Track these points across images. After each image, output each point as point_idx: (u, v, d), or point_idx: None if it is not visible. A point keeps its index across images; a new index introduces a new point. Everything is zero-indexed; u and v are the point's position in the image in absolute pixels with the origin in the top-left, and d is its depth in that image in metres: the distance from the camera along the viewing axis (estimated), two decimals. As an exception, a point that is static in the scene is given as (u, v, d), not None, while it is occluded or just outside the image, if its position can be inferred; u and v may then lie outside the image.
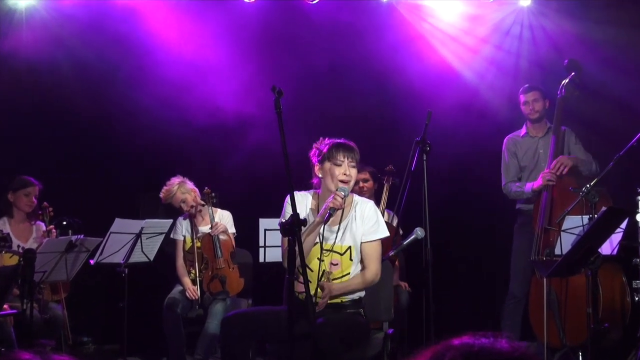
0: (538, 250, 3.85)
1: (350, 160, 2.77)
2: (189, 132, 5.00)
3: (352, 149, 2.78)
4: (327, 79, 5.04)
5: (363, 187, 4.42)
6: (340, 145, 2.77)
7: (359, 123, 5.06)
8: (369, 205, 2.85)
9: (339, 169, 2.74)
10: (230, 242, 4.22)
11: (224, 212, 4.35)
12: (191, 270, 4.23)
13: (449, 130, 4.89)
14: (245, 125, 4.93)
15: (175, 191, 4.18)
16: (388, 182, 4.44)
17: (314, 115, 5.01)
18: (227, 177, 5.07)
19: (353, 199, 2.87)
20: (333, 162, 2.75)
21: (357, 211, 2.83)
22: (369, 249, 2.83)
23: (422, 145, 3.17)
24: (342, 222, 2.80)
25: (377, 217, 2.83)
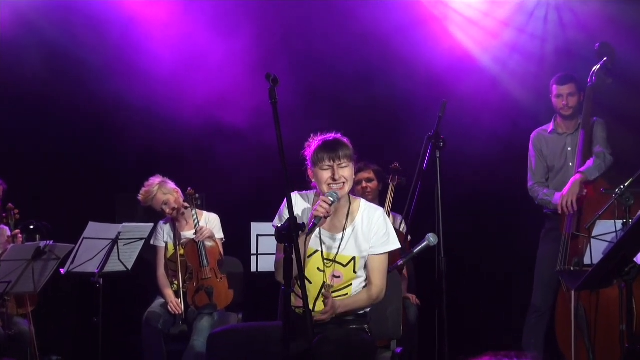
0: (565, 259, 3.85)
1: (338, 161, 2.75)
2: (172, 127, 5.07)
3: (337, 149, 2.74)
4: (329, 67, 5.06)
5: (366, 187, 4.42)
6: (325, 147, 2.75)
7: (363, 115, 5.06)
8: (378, 213, 2.84)
9: (325, 174, 2.74)
10: (217, 249, 4.22)
11: (211, 215, 4.35)
12: (174, 281, 4.24)
13: (465, 123, 4.88)
14: (238, 119, 4.95)
15: (156, 192, 4.18)
16: (393, 181, 4.44)
17: (316, 106, 5.02)
18: (215, 176, 5.10)
19: (360, 204, 2.86)
20: (319, 167, 2.75)
21: (364, 218, 2.82)
22: (377, 263, 2.82)
23: (434, 141, 3.16)
24: (346, 229, 2.80)
25: (387, 227, 2.82)
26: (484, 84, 5.02)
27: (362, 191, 4.41)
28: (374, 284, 2.80)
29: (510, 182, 4.64)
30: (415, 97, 4.97)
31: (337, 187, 2.73)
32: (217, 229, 4.31)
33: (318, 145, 2.76)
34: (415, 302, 4.34)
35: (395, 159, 4.51)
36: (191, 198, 4.19)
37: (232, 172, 5.09)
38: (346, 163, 2.75)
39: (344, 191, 2.76)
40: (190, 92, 4.97)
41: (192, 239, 4.18)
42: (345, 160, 2.75)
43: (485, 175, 5.02)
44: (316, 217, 2.57)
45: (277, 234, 2.33)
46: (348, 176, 2.76)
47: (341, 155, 2.74)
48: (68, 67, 4.79)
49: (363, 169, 4.43)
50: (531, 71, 4.91)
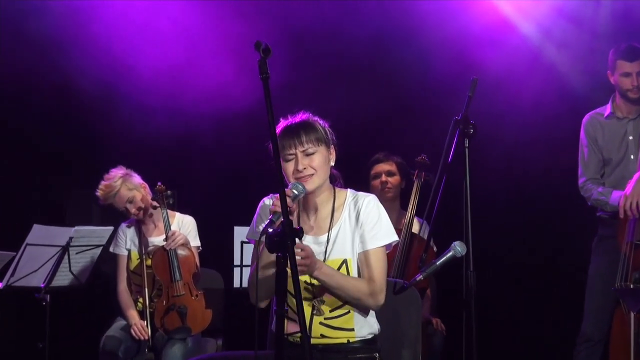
0: (626, 275, 3.80)
1: (302, 147, 2.74)
2: (140, 112, 5.12)
3: (299, 133, 2.75)
4: (338, 35, 5.07)
5: (387, 181, 4.46)
6: (285, 132, 2.76)
7: (378, 96, 5.07)
8: (367, 200, 2.86)
9: (289, 166, 2.76)
10: (192, 259, 4.24)
11: (185, 218, 4.39)
12: (138, 298, 4.25)
13: (501, 105, 4.90)
14: (221, 103, 5.07)
15: (119, 187, 4.19)
16: (419, 178, 4.44)
17: (321, 84, 5.04)
18: (190, 170, 5.14)
19: (347, 195, 2.89)
20: (283, 158, 2.77)
21: (351, 210, 2.86)
22: (368, 259, 2.83)
23: (463, 126, 3.13)
24: (332, 229, 2.84)
25: (379, 215, 2.85)
26: (524, 57, 5.03)
27: (381, 186, 4.42)
28: (371, 280, 2.81)
29: (556, 179, 4.66)
30: (440, 73, 4.98)
31: (304, 179, 2.75)
32: (193, 235, 4.34)
33: (280, 132, 2.77)
34: (440, 328, 4.34)
35: (416, 150, 4.52)
36: (161, 196, 4.22)
37: (212, 166, 5.14)
38: (314, 148, 2.75)
39: (312, 183, 2.76)
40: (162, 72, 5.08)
41: (161, 247, 4.20)
42: (312, 144, 2.75)
43: (525, 170, 5.02)
44: (274, 214, 2.54)
45: (268, 241, 2.32)
46: (318, 164, 2.76)
47: (305, 140, 2.74)
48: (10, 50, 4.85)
49: (383, 160, 4.46)
50: (583, 41, 4.91)
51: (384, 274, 2.84)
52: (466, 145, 3.09)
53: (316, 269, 2.69)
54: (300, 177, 2.73)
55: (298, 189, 2.66)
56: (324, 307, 2.80)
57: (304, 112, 2.84)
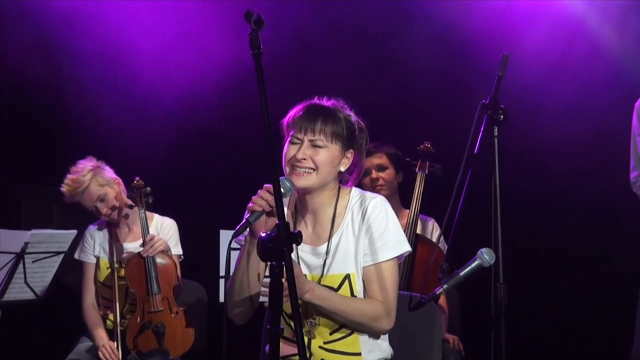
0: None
1: (311, 135, 2.76)
2: (110, 97, 5.16)
3: (316, 118, 2.77)
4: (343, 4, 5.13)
5: (377, 177, 4.47)
6: (304, 111, 2.79)
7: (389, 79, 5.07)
8: (373, 201, 2.87)
9: (290, 149, 2.78)
10: (173, 269, 4.25)
11: (165, 221, 4.42)
12: (108, 315, 4.26)
13: (536, 87, 4.90)
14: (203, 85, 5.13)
15: (88, 182, 4.20)
16: (423, 169, 4.46)
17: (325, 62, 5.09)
18: (170, 167, 5.15)
19: (351, 196, 2.90)
20: (288, 139, 2.80)
21: (354, 214, 2.86)
22: (378, 274, 2.82)
23: (491, 112, 3.15)
24: (332, 237, 2.84)
25: (387, 219, 2.85)
26: (564, 30, 5.02)
27: (372, 184, 4.44)
28: (378, 300, 2.80)
29: (604, 173, 4.66)
30: (467, 49, 4.99)
31: (298, 173, 2.76)
32: (174, 241, 4.36)
33: (298, 109, 2.82)
34: (458, 348, 4.36)
35: (433, 140, 4.51)
36: (139, 193, 4.22)
37: (194, 160, 5.19)
38: (324, 142, 2.76)
39: (306, 180, 2.77)
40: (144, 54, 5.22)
41: (137, 254, 4.21)
42: (324, 137, 2.76)
43: (566, 163, 5.02)
44: (251, 213, 2.58)
45: (260, 247, 2.32)
46: (322, 160, 2.77)
47: (319, 128, 2.75)
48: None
49: (371, 153, 4.45)
50: (636, 11, 4.91)
51: (394, 292, 2.83)
52: (495, 133, 3.09)
53: (306, 291, 2.67)
54: (297, 166, 2.74)
55: (285, 187, 2.65)
56: (322, 328, 2.81)
57: (343, 101, 2.86)
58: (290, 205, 2.91)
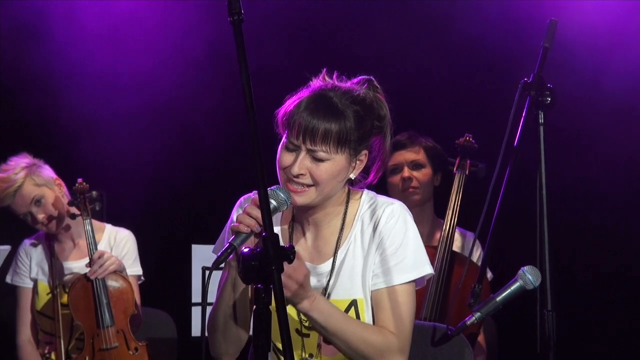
0: None
1: (312, 145, 2.73)
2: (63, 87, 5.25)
3: (317, 122, 2.72)
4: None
5: (411, 177, 4.46)
6: (305, 106, 2.76)
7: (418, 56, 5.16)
8: (389, 209, 2.88)
9: (285, 157, 2.77)
10: (130, 294, 4.27)
11: (120, 232, 4.48)
12: (49, 354, 4.26)
13: (592, 64, 4.92)
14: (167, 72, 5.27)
15: (22, 181, 4.23)
16: (462, 169, 4.46)
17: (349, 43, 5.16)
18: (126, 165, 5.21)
19: (361, 202, 2.92)
20: (286, 138, 2.79)
21: (364, 225, 2.88)
22: (390, 300, 2.83)
23: (535, 93, 3.18)
24: (337, 254, 2.86)
25: (406, 232, 2.86)
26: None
27: (403, 185, 4.44)
28: (389, 330, 2.81)
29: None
30: (503, 18, 5.03)
31: (294, 188, 2.76)
32: (131, 258, 4.40)
33: (299, 100, 2.78)
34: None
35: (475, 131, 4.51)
36: (82, 198, 4.24)
37: (158, 159, 5.25)
38: (327, 154, 2.74)
39: (304, 198, 2.77)
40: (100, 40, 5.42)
41: (83, 275, 4.21)
42: (327, 148, 2.73)
43: (629, 160, 5.05)
44: (236, 235, 2.58)
45: (242, 266, 2.32)
46: (323, 176, 2.76)
47: (320, 137, 2.71)
48: None
49: (406, 146, 4.46)
50: None
51: (410, 323, 2.82)
52: (541, 120, 3.13)
53: (307, 297, 2.67)
54: (292, 180, 2.74)
55: (278, 199, 2.65)
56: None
57: (365, 78, 2.84)
58: (286, 213, 2.90)
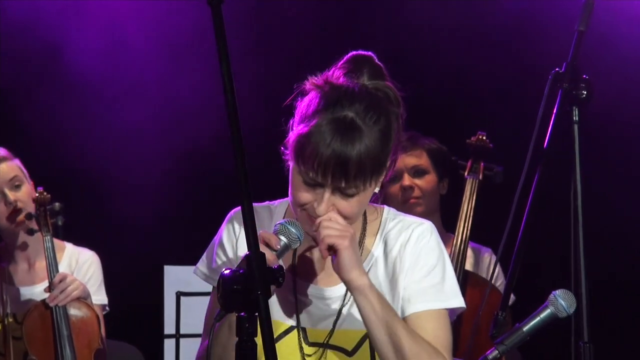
0: None
1: (341, 182, 2.72)
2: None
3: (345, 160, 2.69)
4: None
5: (412, 185, 4.50)
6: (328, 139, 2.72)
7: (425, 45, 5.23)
8: (418, 230, 2.93)
9: (303, 194, 2.77)
10: (94, 324, 4.31)
11: (83, 254, 4.56)
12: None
13: (638, 51, 4.94)
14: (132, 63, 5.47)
15: (5, 157, 4.43)
16: (475, 174, 4.49)
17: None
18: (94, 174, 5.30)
19: (381, 221, 2.97)
20: (299, 168, 2.77)
21: (389, 245, 2.93)
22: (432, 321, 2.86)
23: (569, 85, 3.19)
24: None
25: (439, 255, 2.90)
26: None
27: (403, 196, 4.48)
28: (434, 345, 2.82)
29: None
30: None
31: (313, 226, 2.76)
32: (96, 283, 4.48)
33: (314, 127, 2.74)
34: None
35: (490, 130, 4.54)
36: (43, 212, 4.29)
37: (128, 167, 5.38)
38: (358, 189, 2.74)
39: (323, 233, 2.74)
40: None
41: (40, 303, 4.29)
42: (359, 183, 2.73)
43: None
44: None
45: (222, 289, 2.32)
46: (353, 212, 2.78)
47: (353, 173, 2.70)
48: None
49: (407, 148, 4.47)
50: None
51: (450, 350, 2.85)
52: (575, 117, 3.14)
53: (363, 274, 2.71)
54: (312, 214, 2.75)
55: (289, 236, 2.66)
56: None
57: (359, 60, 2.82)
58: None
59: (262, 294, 2.26)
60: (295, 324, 2.84)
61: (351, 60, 2.85)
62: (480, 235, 4.40)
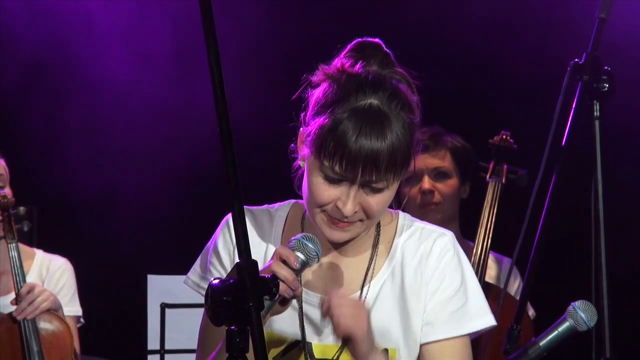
0: None
1: (372, 174, 2.71)
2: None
3: (377, 148, 2.69)
4: None
5: (432, 189, 4.47)
6: (356, 129, 2.71)
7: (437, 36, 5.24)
8: (439, 242, 2.92)
9: (325, 191, 2.75)
10: (68, 339, 4.34)
11: (54, 261, 4.59)
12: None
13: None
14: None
15: None
16: (498, 176, 4.48)
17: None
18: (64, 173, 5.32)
19: (396, 229, 2.96)
20: (320, 164, 2.75)
21: (406, 257, 2.91)
22: (450, 354, 2.87)
23: (589, 78, 3.21)
24: (367, 288, 2.90)
25: (462, 272, 2.90)
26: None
27: (422, 200, 4.46)
28: None
29: None
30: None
31: (337, 226, 2.76)
32: (68, 294, 4.51)
33: (338, 116, 2.73)
34: None
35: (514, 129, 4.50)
36: (7, 216, 4.35)
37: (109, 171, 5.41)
38: (387, 183, 2.73)
39: (348, 234, 2.80)
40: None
41: (7, 316, 4.33)
42: (391, 175, 2.72)
43: None
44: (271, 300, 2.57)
45: (210, 303, 2.29)
46: (379, 209, 2.78)
47: (385, 165, 2.69)
48: None
49: (429, 148, 4.44)
50: None
51: None
52: (596, 113, 3.17)
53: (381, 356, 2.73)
54: (337, 219, 2.74)
55: (307, 252, 2.64)
56: None
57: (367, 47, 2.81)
58: (291, 223, 2.93)
59: (253, 305, 2.24)
60: (300, 338, 2.83)
61: (358, 48, 2.83)
62: (502, 245, 4.37)
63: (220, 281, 2.29)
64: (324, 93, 2.77)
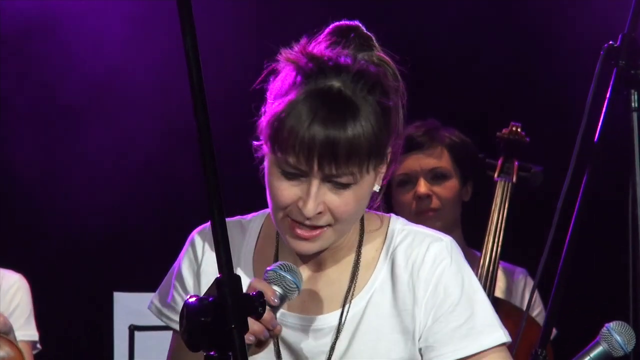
0: None
1: (332, 168, 2.72)
2: None
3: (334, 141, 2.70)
4: None
5: (428, 193, 4.49)
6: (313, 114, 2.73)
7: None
8: (434, 247, 2.94)
9: (286, 190, 2.78)
10: None
11: (7, 278, 4.73)
12: None
13: None
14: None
15: None
16: (508, 175, 4.49)
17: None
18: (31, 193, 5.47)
19: (387, 234, 3.00)
20: (276, 159, 2.78)
21: (396, 267, 2.93)
22: None
23: (626, 64, 3.25)
24: (349, 304, 2.93)
25: (463, 285, 2.92)
26: None
27: (417, 206, 4.48)
28: None
29: None
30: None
31: (303, 234, 2.79)
32: (23, 315, 4.64)
33: (294, 100, 2.76)
34: None
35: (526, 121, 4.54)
36: None
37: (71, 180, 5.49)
38: (354, 176, 2.74)
39: (322, 241, 2.83)
40: None
41: None
42: (355, 167, 2.73)
43: None
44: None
45: (186, 324, 2.31)
46: (348, 210, 2.81)
47: (344, 154, 2.71)
48: None
49: (424, 145, 4.46)
50: None
51: None
52: (634, 103, 3.23)
53: None
54: (300, 223, 2.76)
55: (285, 285, 2.69)
56: None
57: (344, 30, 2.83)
58: (266, 234, 2.97)
59: (236, 327, 2.24)
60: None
61: (335, 31, 2.87)
62: (512, 253, 4.35)
63: (197, 299, 2.30)
64: (283, 79, 2.81)
